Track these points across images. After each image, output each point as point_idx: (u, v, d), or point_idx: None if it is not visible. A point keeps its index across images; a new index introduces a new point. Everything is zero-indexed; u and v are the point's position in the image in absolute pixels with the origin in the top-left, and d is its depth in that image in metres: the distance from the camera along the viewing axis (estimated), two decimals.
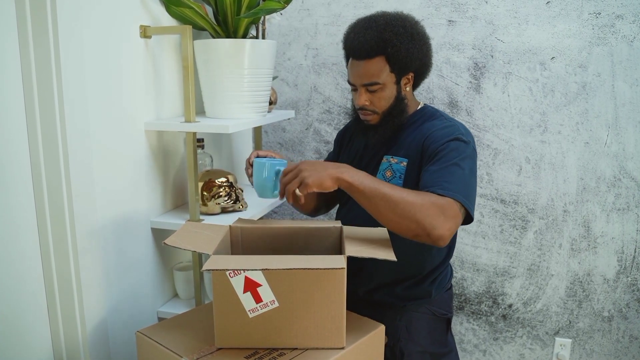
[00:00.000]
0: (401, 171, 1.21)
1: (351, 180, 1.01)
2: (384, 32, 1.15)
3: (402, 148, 1.22)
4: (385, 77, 1.18)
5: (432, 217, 0.99)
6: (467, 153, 1.13)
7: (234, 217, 1.29)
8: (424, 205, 1.00)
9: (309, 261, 0.91)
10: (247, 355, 0.94)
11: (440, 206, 1.01)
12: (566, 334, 1.82)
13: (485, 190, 1.81)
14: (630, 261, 1.72)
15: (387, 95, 1.20)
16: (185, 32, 1.24)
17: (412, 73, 1.22)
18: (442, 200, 1.02)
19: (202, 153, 1.49)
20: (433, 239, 1.00)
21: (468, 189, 1.07)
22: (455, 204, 1.04)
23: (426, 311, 1.29)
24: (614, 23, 1.60)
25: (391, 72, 1.18)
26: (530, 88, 1.71)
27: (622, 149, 1.66)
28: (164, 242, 0.99)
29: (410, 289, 1.27)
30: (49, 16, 1.00)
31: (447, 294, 1.34)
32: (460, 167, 1.09)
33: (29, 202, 1.06)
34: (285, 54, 1.93)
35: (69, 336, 1.14)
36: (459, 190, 1.05)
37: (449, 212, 1.01)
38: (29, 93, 1.03)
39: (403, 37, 1.16)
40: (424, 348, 1.27)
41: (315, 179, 1.00)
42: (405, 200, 1.00)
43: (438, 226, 0.99)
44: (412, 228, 1.00)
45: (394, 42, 1.15)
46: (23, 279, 1.06)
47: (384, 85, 1.18)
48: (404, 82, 1.21)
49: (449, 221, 1.01)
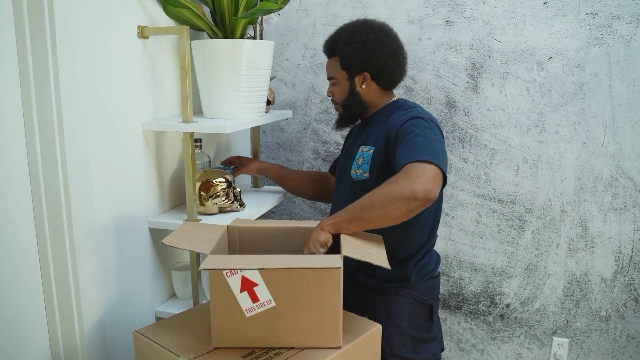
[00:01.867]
0: (368, 158, 1.31)
1: (331, 222, 1.10)
2: (338, 36, 1.36)
3: (371, 138, 1.34)
4: (338, 73, 1.37)
5: (405, 187, 1.05)
6: (425, 125, 1.21)
7: (232, 217, 1.29)
8: (392, 185, 1.07)
9: (305, 261, 0.91)
10: (244, 354, 0.94)
11: (404, 174, 1.08)
12: (564, 334, 1.83)
13: (483, 190, 1.81)
14: (627, 261, 1.73)
15: (342, 90, 1.38)
16: (183, 32, 1.24)
17: (367, 73, 1.34)
18: (407, 169, 1.08)
19: (199, 153, 1.49)
20: (422, 199, 1.04)
21: (431, 149, 1.13)
22: (416, 163, 1.09)
23: (406, 295, 1.34)
24: (611, 23, 1.61)
25: (342, 70, 1.36)
26: (528, 88, 1.71)
27: (619, 149, 1.67)
28: (162, 242, 0.99)
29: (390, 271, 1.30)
30: (46, 17, 1.01)
31: (430, 282, 1.38)
32: (420, 136, 1.17)
33: (26, 202, 1.07)
34: (283, 54, 1.93)
35: (67, 336, 1.14)
36: (422, 153, 1.11)
37: (413, 172, 1.07)
38: (27, 93, 1.03)
39: (352, 41, 1.32)
40: (403, 331, 1.32)
41: (315, 242, 1.08)
42: (376, 194, 1.08)
43: (415, 188, 1.04)
44: (401, 207, 1.05)
45: (341, 46, 1.34)
46: (21, 279, 1.06)
47: (337, 81, 1.38)
48: (359, 80, 1.36)
49: (420, 178, 1.05)
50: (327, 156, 1.97)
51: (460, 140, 1.80)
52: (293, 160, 2.00)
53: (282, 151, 2.01)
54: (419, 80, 1.80)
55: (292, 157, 2.01)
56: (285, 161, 2.01)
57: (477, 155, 1.79)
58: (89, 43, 1.11)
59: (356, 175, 1.33)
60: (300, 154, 1.99)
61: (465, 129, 1.79)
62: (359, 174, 1.32)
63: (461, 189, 1.83)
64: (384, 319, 1.29)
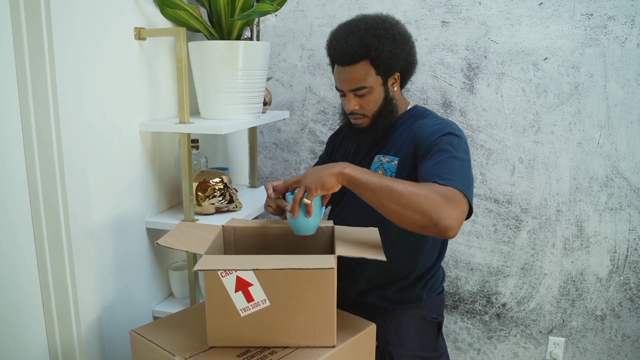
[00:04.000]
0: (392, 170, 1.20)
1: (353, 174, 1.00)
2: (366, 36, 1.16)
3: (393, 147, 1.23)
4: (372, 80, 1.18)
5: (437, 207, 0.95)
6: (462, 147, 1.13)
7: (228, 217, 1.30)
8: (429, 196, 0.97)
9: (299, 261, 0.92)
10: (239, 353, 0.95)
11: (444, 195, 0.98)
12: (559, 333, 1.84)
13: (479, 190, 1.82)
14: (622, 260, 1.74)
15: (376, 98, 1.20)
16: (180, 33, 1.25)
17: (398, 73, 1.22)
18: (445, 190, 0.99)
19: (196, 154, 1.50)
20: (441, 229, 0.95)
21: (467, 180, 1.06)
22: (459, 193, 1.00)
23: (416, 315, 1.28)
24: (606, 24, 1.61)
25: (377, 75, 1.19)
26: (523, 88, 1.72)
27: (614, 149, 1.68)
28: (157, 243, 1.00)
29: (401, 292, 1.27)
30: (43, 18, 1.01)
31: (438, 298, 1.33)
32: (458, 159, 1.08)
33: (24, 202, 1.07)
34: (280, 55, 1.94)
35: (64, 335, 1.15)
36: (459, 181, 1.02)
37: (453, 200, 0.98)
38: (24, 95, 1.04)
39: (385, 39, 1.16)
40: (413, 352, 1.27)
41: (317, 181, 1.00)
42: (409, 191, 0.97)
43: (445, 216, 0.95)
44: (418, 219, 0.96)
45: (376, 46, 1.16)
46: (18, 279, 1.07)
47: (371, 89, 1.19)
48: (391, 83, 1.22)
49: (455, 210, 0.97)
50: None
51: None
52: (290, 160, 2.01)
53: (279, 151, 2.02)
54: (415, 80, 1.81)
55: (289, 158, 2.01)
56: (282, 161, 2.02)
57: (473, 156, 1.80)
58: (85, 44, 1.12)
59: None
60: (298, 154, 2.00)
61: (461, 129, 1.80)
62: None
63: None
64: (393, 341, 1.25)
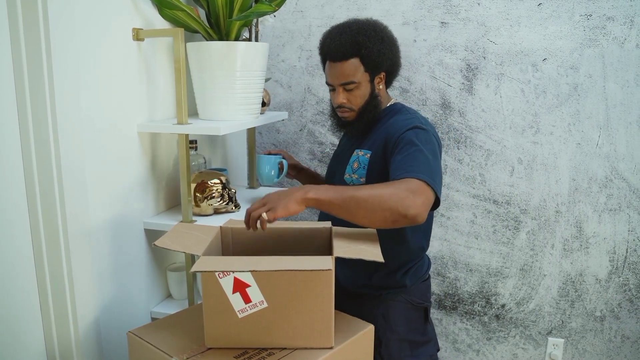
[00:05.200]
0: (365, 162, 1.29)
1: (317, 197, 1.03)
2: (358, 36, 1.28)
3: (368, 141, 1.32)
4: (360, 76, 1.30)
5: (402, 199, 1.02)
6: (427, 139, 1.20)
7: (227, 219, 1.30)
8: (391, 192, 1.04)
9: (296, 262, 0.92)
10: (236, 355, 0.95)
11: (407, 188, 1.05)
12: (559, 334, 1.83)
13: (478, 191, 1.82)
14: (622, 261, 1.73)
15: (362, 93, 1.31)
16: (178, 34, 1.25)
17: (384, 72, 1.33)
18: (407, 182, 1.07)
19: (195, 154, 1.50)
20: (410, 218, 1.03)
21: (432, 171, 1.12)
22: (421, 182, 1.07)
23: (403, 300, 1.34)
24: (605, 25, 1.61)
25: (365, 72, 1.30)
26: (522, 89, 1.72)
27: (613, 150, 1.67)
28: (154, 244, 1.00)
29: (385, 278, 1.33)
30: (40, 19, 1.01)
31: (423, 285, 1.40)
32: (423, 152, 1.15)
33: (21, 203, 1.07)
34: (279, 56, 1.94)
35: (62, 336, 1.15)
36: (423, 171, 1.09)
37: (416, 190, 1.05)
38: (21, 95, 1.04)
39: (374, 39, 1.28)
40: (401, 336, 1.32)
41: (282, 205, 1.02)
42: (372, 194, 1.03)
43: (411, 205, 1.02)
44: (388, 216, 1.02)
45: (366, 45, 1.27)
46: (16, 280, 1.07)
47: (359, 84, 1.30)
48: (377, 81, 1.33)
49: (418, 198, 1.04)
50: (323, 157, 1.97)
51: (455, 141, 1.81)
52: None
53: None
54: (414, 81, 1.81)
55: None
56: None
57: (472, 156, 1.80)
58: (84, 45, 1.12)
59: (351, 179, 1.32)
60: (297, 155, 2.00)
61: (460, 130, 1.80)
62: (355, 179, 1.31)
63: (456, 190, 1.84)
64: (381, 325, 1.29)
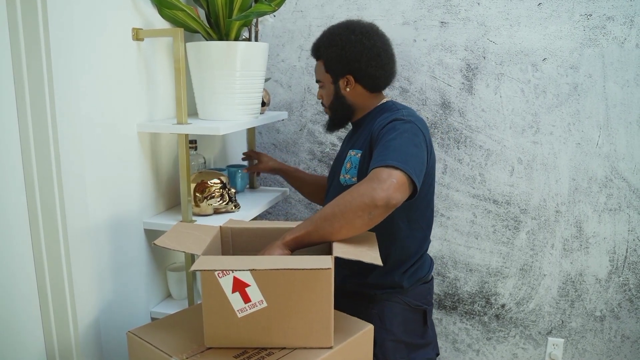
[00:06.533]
0: (356, 162, 1.30)
1: (293, 236, 1.06)
2: (321, 40, 1.36)
3: (359, 141, 1.33)
4: (323, 77, 1.38)
5: (367, 193, 1.01)
6: (404, 128, 1.17)
7: (227, 218, 1.30)
8: (355, 192, 1.03)
9: (296, 262, 0.92)
10: (235, 354, 0.95)
11: (370, 179, 1.04)
12: (559, 334, 1.83)
13: (478, 191, 1.82)
14: (622, 261, 1.73)
15: (327, 93, 1.39)
16: (177, 34, 1.25)
17: (350, 76, 1.33)
18: (372, 174, 1.05)
19: (195, 154, 1.50)
20: (382, 205, 1.00)
21: (404, 154, 1.09)
22: (383, 168, 1.05)
23: (400, 301, 1.32)
24: (605, 24, 1.61)
25: (326, 73, 1.36)
26: (522, 89, 1.72)
27: (613, 150, 1.67)
28: (154, 243, 1.00)
29: (380, 278, 1.31)
30: (40, 19, 1.01)
31: (423, 287, 1.37)
32: (395, 140, 1.13)
33: (21, 203, 1.07)
34: (279, 56, 1.94)
35: (62, 336, 1.15)
36: (392, 158, 1.07)
37: (377, 178, 1.03)
38: (21, 95, 1.04)
39: (336, 45, 1.32)
40: (397, 337, 1.30)
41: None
42: (337, 203, 1.04)
43: (375, 193, 1.00)
44: (361, 214, 1.01)
45: (325, 50, 1.34)
46: (16, 280, 1.07)
47: (323, 84, 1.39)
48: (343, 83, 1.35)
49: (384, 183, 1.02)
50: (323, 157, 1.97)
51: (455, 141, 1.81)
52: (289, 161, 2.01)
53: (278, 152, 2.02)
54: (414, 81, 1.81)
55: (287, 158, 2.01)
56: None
57: (472, 156, 1.80)
58: (83, 45, 1.12)
59: (344, 180, 1.31)
60: (296, 155, 2.00)
61: (460, 130, 1.80)
62: (347, 179, 1.31)
63: (456, 190, 1.84)
64: (376, 325, 1.25)
